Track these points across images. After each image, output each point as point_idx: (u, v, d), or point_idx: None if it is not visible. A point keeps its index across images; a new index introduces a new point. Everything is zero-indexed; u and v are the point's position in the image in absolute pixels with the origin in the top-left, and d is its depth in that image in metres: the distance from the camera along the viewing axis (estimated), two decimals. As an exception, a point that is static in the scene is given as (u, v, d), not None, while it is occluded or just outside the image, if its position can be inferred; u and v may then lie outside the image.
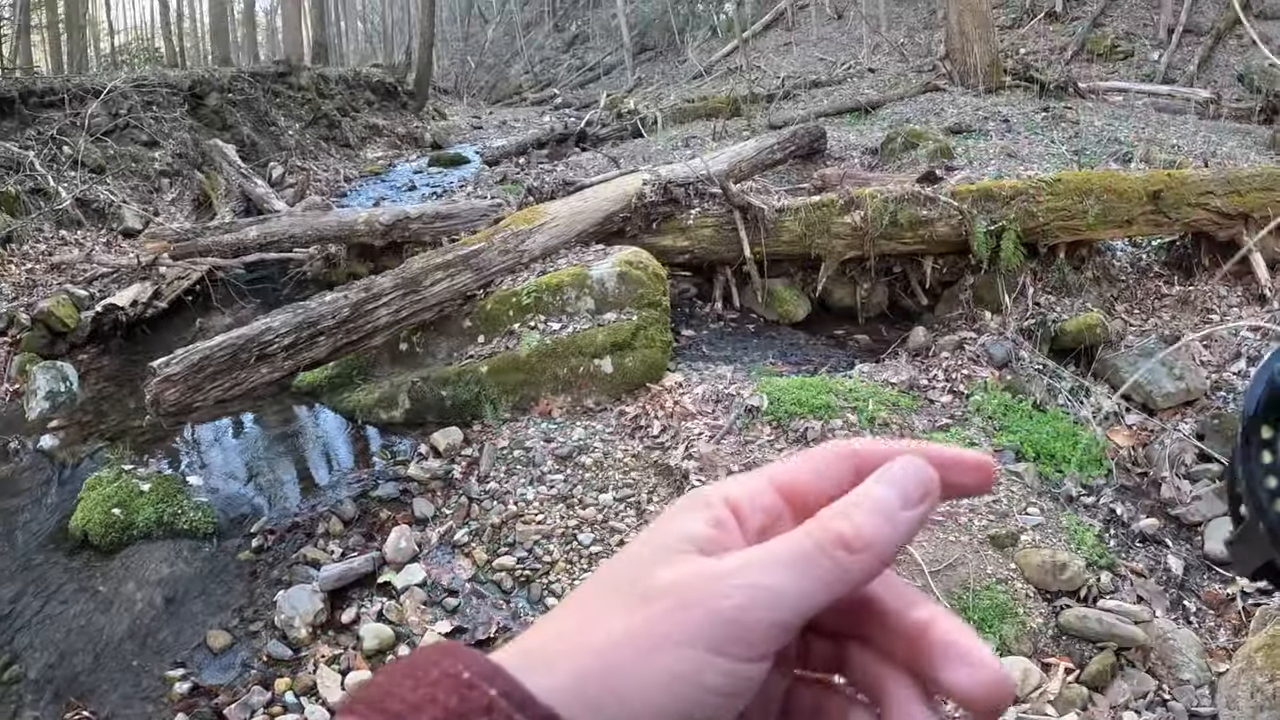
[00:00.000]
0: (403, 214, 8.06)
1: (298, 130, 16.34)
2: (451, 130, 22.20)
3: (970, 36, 15.21)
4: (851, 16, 26.10)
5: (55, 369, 7.65)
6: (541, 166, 13.49)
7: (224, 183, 12.19)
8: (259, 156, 14.29)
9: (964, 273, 7.59)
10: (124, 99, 12.96)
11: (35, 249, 10.00)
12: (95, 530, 5.18)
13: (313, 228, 8.46)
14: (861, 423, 5.45)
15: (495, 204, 8.13)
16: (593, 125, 16.67)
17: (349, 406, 6.24)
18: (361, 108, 19.56)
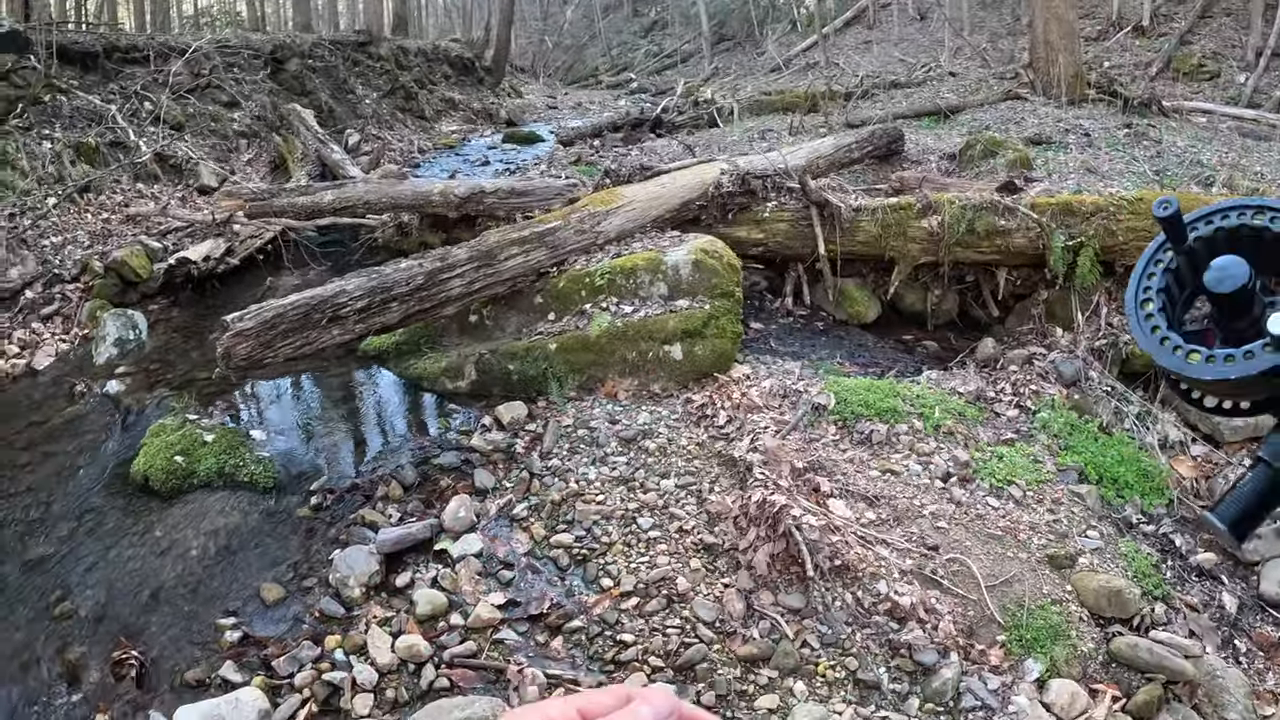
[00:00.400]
0: (478, 187, 8.06)
1: (375, 100, 16.46)
2: (526, 108, 22.25)
3: (1055, 46, 14.90)
4: (934, 18, 25.75)
5: (125, 317, 7.75)
6: (616, 150, 13.43)
7: (300, 147, 12.30)
8: (335, 123, 14.41)
9: (1038, 287, 7.43)
10: (206, 59, 13.13)
11: (112, 200, 10.16)
12: (156, 476, 5.23)
13: (388, 195, 8.49)
14: (927, 429, 5.36)
15: (571, 184, 8.09)
16: (668, 112, 16.55)
17: (415, 374, 6.25)
18: (438, 81, 19.66)
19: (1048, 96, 14.78)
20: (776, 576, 4.22)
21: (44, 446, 6.08)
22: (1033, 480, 5.00)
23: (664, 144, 13.45)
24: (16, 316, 8.08)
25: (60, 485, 5.54)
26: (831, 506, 4.53)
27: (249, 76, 13.69)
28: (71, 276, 8.58)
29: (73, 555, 4.86)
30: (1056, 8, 14.86)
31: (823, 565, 4.13)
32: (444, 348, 6.37)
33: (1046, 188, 8.76)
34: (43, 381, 7.26)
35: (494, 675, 3.79)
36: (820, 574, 4.12)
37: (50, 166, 9.83)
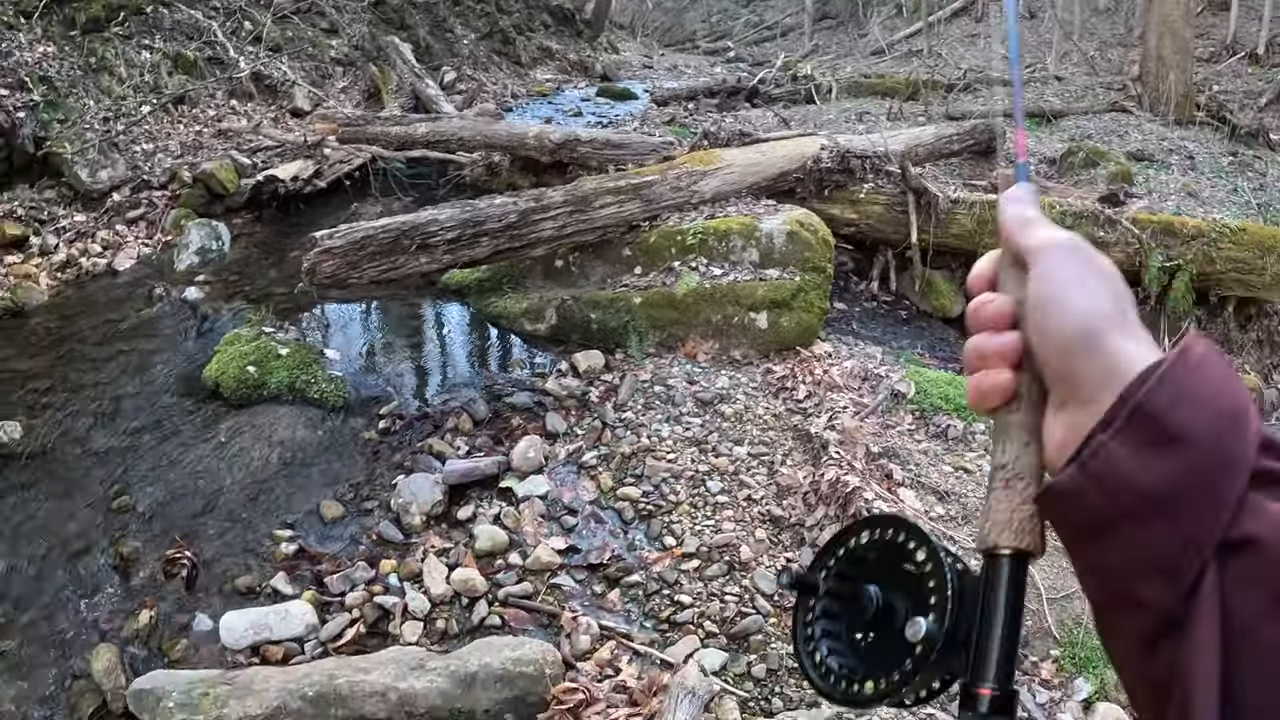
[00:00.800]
0: (573, 135, 7.95)
1: (472, 41, 16.42)
2: (622, 65, 22.10)
3: (1167, 63, 14.43)
4: (1045, 19, 25.15)
5: (209, 227, 7.79)
6: (710, 115, 13.23)
7: (396, 79, 12.31)
8: (432, 60, 14.38)
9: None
10: (309, -18, 13.13)
11: (205, 114, 10.23)
12: (227, 384, 5.24)
13: (482, 134, 8.43)
14: None
15: (666, 141, 7.95)
16: (765, 84, 16.28)
17: (494, 312, 6.20)
18: (537, 29, 19.56)
19: (1154, 113, 14.35)
20: (841, 557, 4.09)
21: (118, 344, 6.12)
22: None
23: (759, 114, 13.23)
24: (102, 217, 8.17)
25: (130, 383, 5.58)
26: (903, 495, 4.40)
27: (350, 4, 13.70)
28: (160, 184, 8.66)
29: (136, 451, 4.89)
30: (1173, 23, 14.38)
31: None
32: (526, 289, 6.30)
33: (1147, 205, 8.48)
34: (122, 282, 7.33)
35: (547, 619, 3.72)
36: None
37: (147, 75, 9.89)
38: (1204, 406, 0.60)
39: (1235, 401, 0.61)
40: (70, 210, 8.10)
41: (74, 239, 7.81)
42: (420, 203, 8.14)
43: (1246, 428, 0.59)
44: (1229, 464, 0.58)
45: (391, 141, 8.68)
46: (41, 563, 4.18)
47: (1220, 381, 0.62)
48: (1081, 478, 0.62)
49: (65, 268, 7.47)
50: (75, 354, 5.99)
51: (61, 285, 7.27)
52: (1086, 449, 0.62)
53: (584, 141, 7.81)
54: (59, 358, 5.96)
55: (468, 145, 8.49)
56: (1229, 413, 0.60)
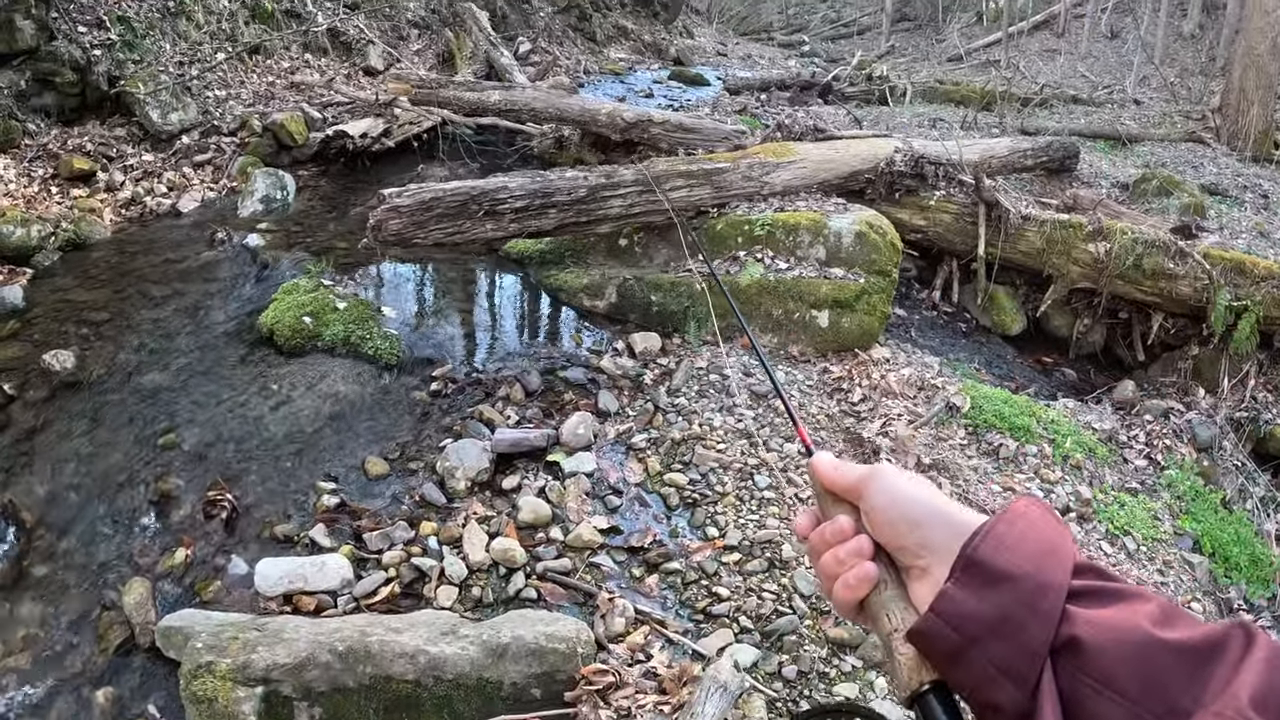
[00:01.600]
0: (646, 115, 7.89)
1: (549, 14, 16.41)
2: (695, 50, 22.02)
3: (1250, 97, 14.06)
4: (1127, 40, 24.71)
5: (275, 176, 7.82)
6: (782, 108, 13.10)
7: (470, 45, 12.30)
8: (507, 29, 14.40)
9: (1190, 341, 6.99)
10: (391, -58, 13.15)
11: (279, 65, 10.29)
12: (282, 332, 5.24)
13: (555, 106, 8.39)
14: (1055, 457, 5.09)
15: (738, 130, 7.88)
16: (839, 81, 16.15)
17: (554, 285, 6.16)
18: (614, 7, 19.54)
19: (1230, 147, 14.03)
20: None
21: (177, 284, 6.16)
22: (1149, 536, 4.75)
23: (831, 111, 13.08)
24: (170, 159, 8.24)
25: (186, 323, 5.60)
26: (948, 510, 4.29)
27: (430, -32, 13.70)
28: (229, 130, 8.72)
29: (186, 391, 4.90)
30: (1258, 57, 14.00)
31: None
32: (587, 265, 6.26)
33: (1219, 241, 8.26)
34: (185, 224, 7.38)
35: (583, 598, 3.67)
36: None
37: (225, 23, 9.95)
38: (1022, 549, 0.78)
39: (1050, 541, 0.79)
40: (139, 150, 8.17)
41: (140, 178, 7.88)
42: (486, 170, 8.12)
43: (1060, 559, 0.77)
44: (1046, 589, 0.75)
45: (463, 107, 8.66)
46: (83, 491, 4.20)
47: (1037, 527, 0.80)
48: (935, 619, 0.78)
49: (130, 205, 7.54)
50: (133, 291, 6.03)
51: (125, 222, 7.34)
52: (938, 596, 0.79)
53: (656, 123, 7.74)
54: (116, 293, 6.00)
55: (539, 117, 8.45)
56: (1044, 550, 0.78)
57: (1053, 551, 0.78)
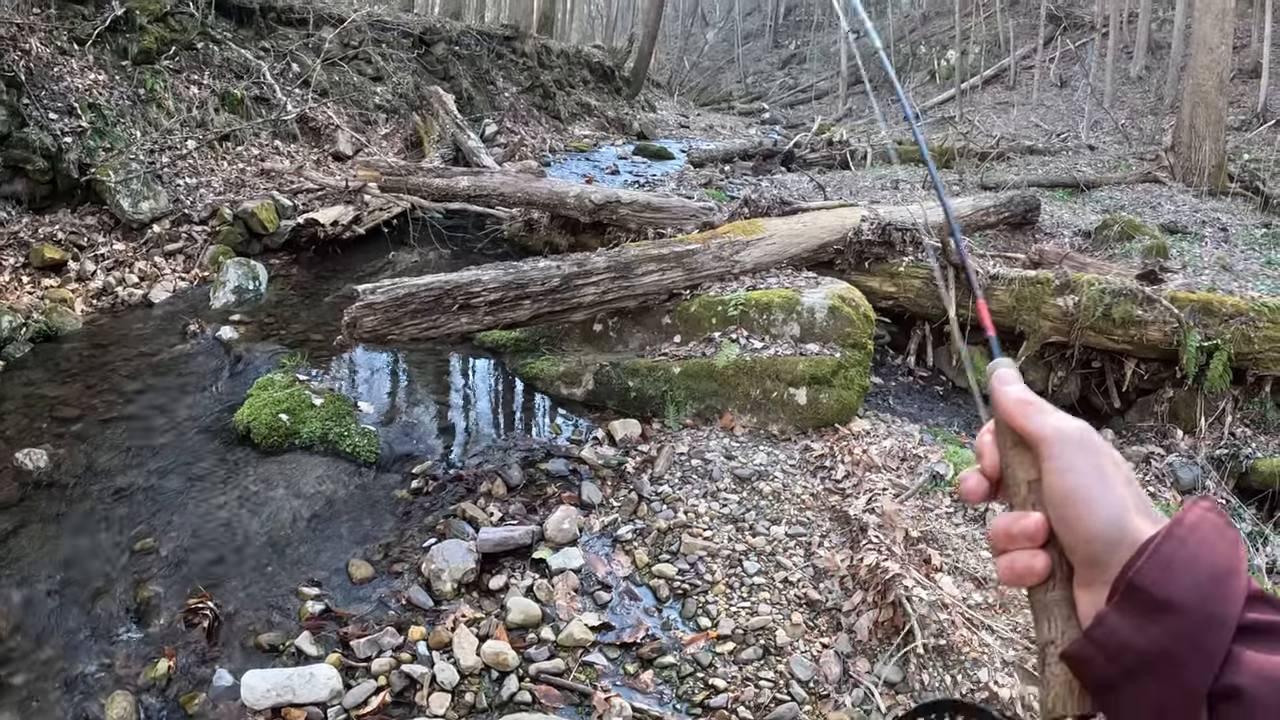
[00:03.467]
0: (614, 196, 7.98)
1: (513, 94, 16.64)
2: (659, 124, 22.37)
3: (1200, 133, 14.38)
4: (1076, 88, 25.25)
5: (247, 265, 7.83)
6: (746, 177, 13.34)
7: (438, 129, 12.44)
8: (474, 111, 14.58)
9: (1164, 384, 7.11)
10: (358, 31, 13.36)
11: (249, 152, 10.36)
12: (259, 430, 5.21)
13: (523, 190, 8.47)
14: None
15: (705, 206, 7.98)
16: (800, 147, 16.46)
17: (530, 374, 6.17)
18: (577, 85, 19.83)
19: (1186, 183, 14.30)
20: (877, 645, 4.01)
21: (150, 379, 6.12)
22: None
23: (794, 179, 13.30)
24: (141, 248, 8.24)
25: (160, 420, 5.56)
26: (941, 582, 4.30)
27: (396, 54, 13.92)
28: (200, 219, 8.74)
29: (163, 492, 4.85)
30: (1206, 93, 14.33)
31: (928, 642, 3.91)
32: (563, 352, 6.28)
33: (1185, 282, 8.42)
34: (157, 315, 7.35)
35: (578, 698, 3.63)
36: (925, 650, 3.90)
37: (195, 111, 10.02)
38: (1189, 574, 0.69)
39: (1221, 565, 0.70)
40: (110, 238, 8.17)
41: (112, 267, 7.87)
42: (458, 255, 8.16)
43: (1231, 588, 0.69)
44: (1213, 623, 0.67)
45: (432, 193, 8.72)
46: (61, 598, 4.12)
47: (1209, 546, 0.71)
48: (1089, 645, 0.73)
49: (101, 295, 7.51)
50: (106, 386, 5.98)
51: (96, 313, 7.31)
52: (1094, 620, 0.73)
53: (624, 203, 7.83)
54: (89, 388, 5.95)
55: (508, 201, 8.53)
56: (1214, 576, 0.69)
57: (1224, 578, 0.69)
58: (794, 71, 41.77)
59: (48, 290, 7.28)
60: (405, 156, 11.90)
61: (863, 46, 36.25)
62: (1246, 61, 22.39)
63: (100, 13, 9.64)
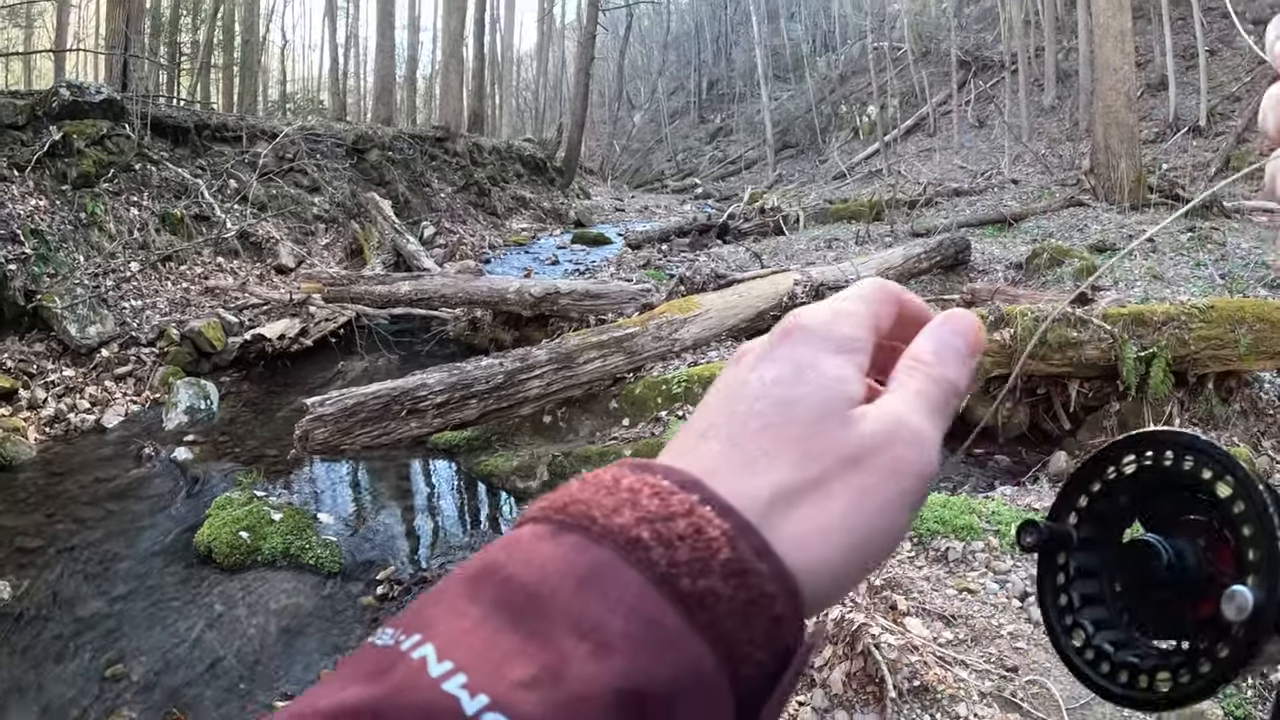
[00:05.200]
0: (553, 288, 8.19)
1: (449, 194, 16.90)
2: (594, 210, 22.72)
3: (1115, 151, 14.86)
4: (994, 125, 26.01)
5: (198, 385, 7.88)
6: (684, 255, 13.59)
7: (377, 235, 12.62)
8: (411, 214, 14.78)
9: (1109, 398, 7.29)
10: (292, 144, 13.57)
11: (193, 271, 10.45)
12: (220, 549, 5.25)
13: (464, 290, 8.65)
14: (1004, 546, 5.24)
15: (643, 288, 8.21)
16: (735, 219, 16.76)
17: (485, 470, 6.26)
18: (511, 179, 20.15)
19: (1109, 202, 14.68)
20: (853, 695, 4.11)
21: (108, 504, 6.14)
22: None
23: (731, 250, 13.58)
24: (91, 373, 8.26)
25: (122, 545, 5.58)
26: (909, 625, 4.42)
27: (331, 164, 14.15)
28: (148, 340, 8.79)
29: (129, 617, 4.87)
30: (1117, 113, 14.84)
31: (901, 686, 4.04)
32: (515, 446, 6.39)
33: (1116, 297, 8.71)
34: (110, 440, 7.37)
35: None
36: (899, 694, 4.03)
37: (136, 233, 10.13)
38: None
39: None
40: (59, 364, 8.18)
41: (63, 394, 7.87)
42: (406, 359, 8.29)
43: None
44: None
45: (376, 300, 8.87)
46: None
47: None
48: None
49: (54, 423, 7.50)
50: (65, 513, 5.99)
51: (50, 440, 7.29)
52: None
53: (564, 294, 8.04)
54: (49, 516, 5.95)
55: (450, 302, 8.70)
56: None
57: None
58: (722, 144, 42.60)
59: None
60: (347, 265, 12.07)
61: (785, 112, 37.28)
62: (1153, 76, 23.19)
63: (38, 138, 9.80)
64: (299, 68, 49.01)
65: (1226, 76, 22.21)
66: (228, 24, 26.74)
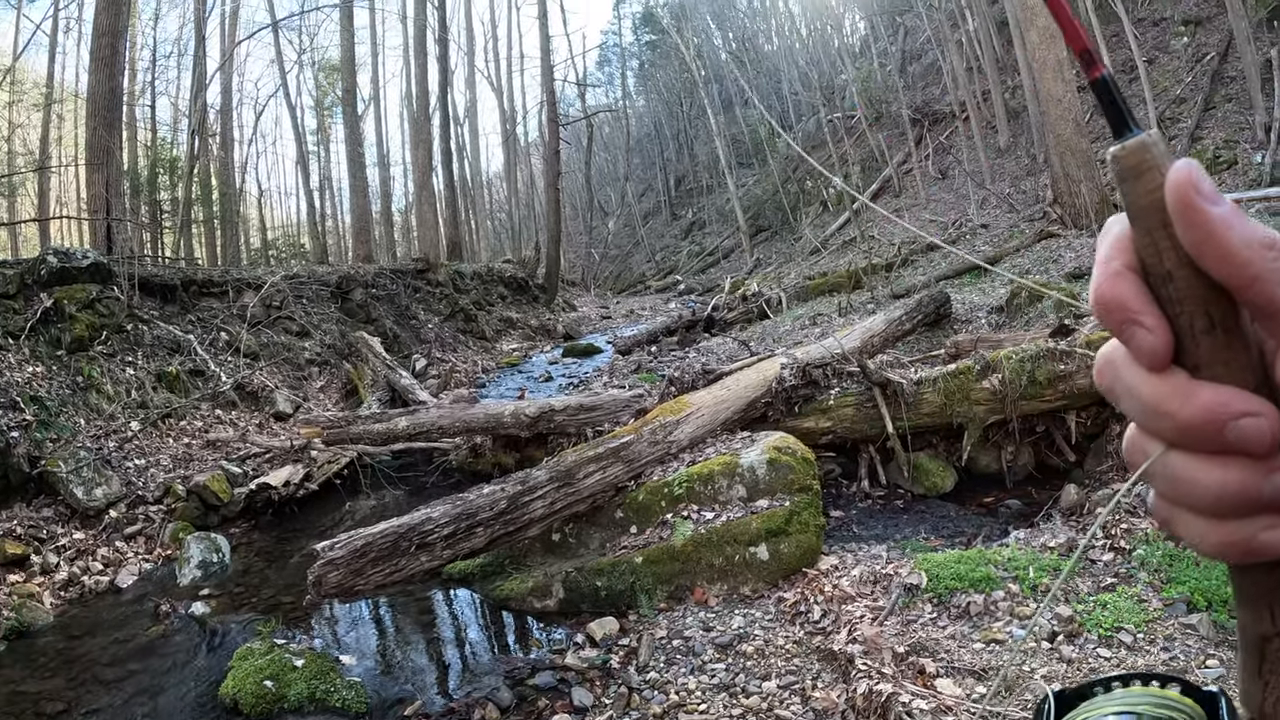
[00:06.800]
0: (548, 406, 8.29)
1: (437, 323, 17.13)
2: (582, 321, 23.00)
3: (1075, 177, 15.14)
4: (955, 174, 26.40)
5: (208, 539, 7.90)
6: (673, 353, 13.74)
7: (370, 373, 12.76)
8: (401, 348, 14.96)
9: (1109, 423, 7.31)
10: (277, 292, 13.80)
11: (193, 425, 10.54)
12: (246, 700, 5.22)
13: (460, 419, 8.73)
14: (1024, 591, 5.21)
15: (636, 394, 8.29)
16: (719, 310, 17.02)
17: (501, 594, 6.26)
18: (495, 301, 20.43)
19: (1078, 228, 14.94)
20: (891, 766, 4.07)
21: (130, 664, 6.11)
22: (1141, 621, 4.78)
23: (719, 342, 13.75)
24: (100, 534, 8.29)
25: (147, 704, 5.53)
26: (939, 686, 4.40)
27: (317, 308, 14.38)
28: (154, 498, 8.84)
29: (163, 779, 4.82)
30: (1070, 141, 15.16)
31: (937, 750, 3.99)
32: (529, 567, 6.40)
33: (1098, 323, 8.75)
34: (126, 599, 7.36)
35: None
36: (936, 757, 3.98)
37: (134, 393, 10.24)
38: None
39: None
40: (68, 528, 8.20)
41: (74, 557, 7.87)
42: (412, 493, 8.33)
43: None
44: None
45: (375, 438, 8.95)
46: None
47: None
48: None
49: (68, 586, 7.49)
50: (88, 675, 5.95)
51: (66, 604, 7.28)
52: None
53: (559, 410, 8.14)
54: (70, 680, 5.91)
55: (447, 432, 8.79)
56: None
57: None
58: (697, 237, 43.28)
59: (14, 586, 7.27)
60: (343, 405, 12.18)
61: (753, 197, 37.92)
62: (1100, 96, 23.67)
63: (29, 305, 9.97)
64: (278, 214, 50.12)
65: (1169, 80, 22.73)
66: (204, 179, 27.31)
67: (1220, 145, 19.57)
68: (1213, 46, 22.60)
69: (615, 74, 66.73)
